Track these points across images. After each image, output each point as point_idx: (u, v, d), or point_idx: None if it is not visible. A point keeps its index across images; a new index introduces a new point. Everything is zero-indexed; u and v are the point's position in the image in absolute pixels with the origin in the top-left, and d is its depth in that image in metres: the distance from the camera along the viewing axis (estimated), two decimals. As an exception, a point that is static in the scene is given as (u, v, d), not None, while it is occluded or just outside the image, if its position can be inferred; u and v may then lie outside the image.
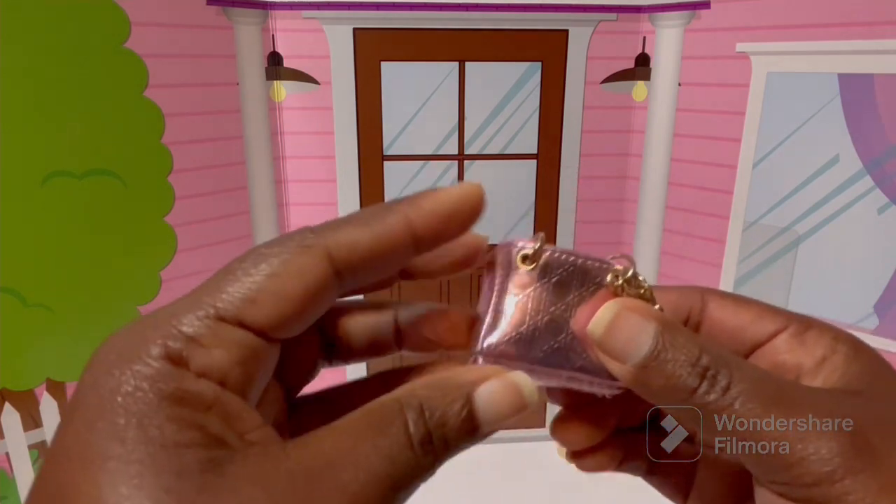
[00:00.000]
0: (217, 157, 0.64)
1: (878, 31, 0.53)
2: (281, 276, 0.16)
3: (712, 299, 0.22)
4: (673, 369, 0.18)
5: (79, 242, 0.55)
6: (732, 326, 0.22)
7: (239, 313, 0.15)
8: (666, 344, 0.18)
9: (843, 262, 0.59)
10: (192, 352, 0.14)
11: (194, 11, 0.59)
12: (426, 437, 0.16)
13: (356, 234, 0.17)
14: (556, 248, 0.21)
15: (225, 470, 0.13)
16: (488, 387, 0.18)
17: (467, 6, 0.64)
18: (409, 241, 0.18)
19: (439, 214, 0.19)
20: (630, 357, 0.18)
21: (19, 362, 0.54)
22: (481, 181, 0.21)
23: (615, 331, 0.19)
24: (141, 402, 0.13)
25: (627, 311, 0.19)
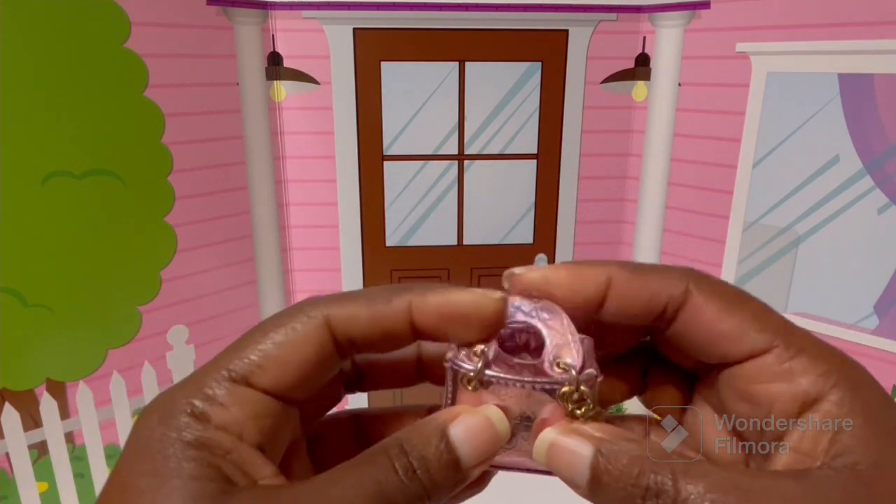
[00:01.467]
0: (217, 157, 0.64)
1: (878, 31, 0.53)
2: (284, 344, 0.18)
3: (697, 293, 0.19)
4: (615, 491, 0.17)
5: (79, 242, 0.55)
6: (709, 332, 0.19)
7: (249, 376, 0.18)
8: (604, 467, 0.18)
9: (843, 262, 0.59)
10: (213, 410, 0.17)
11: (194, 11, 0.59)
12: (409, 467, 0.17)
13: (357, 309, 0.19)
14: (498, 370, 0.20)
15: (234, 496, 0.16)
16: (462, 420, 0.19)
17: (467, 6, 0.64)
18: (408, 329, 0.19)
19: (442, 314, 0.19)
20: (576, 482, 0.18)
21: (19, 362, 0.54)
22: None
23: (554, 459, 0.19)
24: (170, 447, 0.16)
25: (563, 438, 0.19)
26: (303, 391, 0.19)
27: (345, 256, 0.72)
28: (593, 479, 0.18)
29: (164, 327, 0.63)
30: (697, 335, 0.19)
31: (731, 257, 0.66)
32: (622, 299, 0.20)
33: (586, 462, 0.18)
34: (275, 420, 0.18)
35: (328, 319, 0.19)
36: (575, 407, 0.19)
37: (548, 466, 0.19)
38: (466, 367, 0.20)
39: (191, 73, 0.60)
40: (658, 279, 0.20)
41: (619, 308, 0.20)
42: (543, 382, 0.20)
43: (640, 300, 0.20)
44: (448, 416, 0.19)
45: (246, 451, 0.17)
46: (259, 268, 0.70)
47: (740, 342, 0.19)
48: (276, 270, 0.71)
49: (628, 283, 0.20)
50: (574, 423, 0.19)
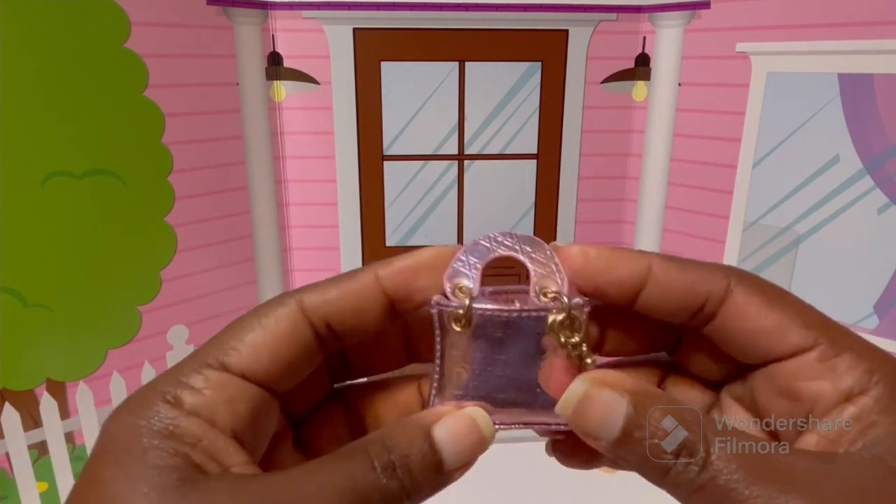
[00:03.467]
0: (217, 157, 0.64)
1: (878, 31, 0.53)
2: (259, 330, 0.19)
3: (739, 290, 0.19)
4: (645, 448, 0.17)
5: (79, 242, 0.55)
6: (751, 329, 0.19)
7: (224, 361, 0.18)
8: (639, 422, 0.17)
9: (843, 262, 0.59)
10: (185, 394, 0.17)
11: (194, 11, 0.59)
12: (389, 465, 0.17)
13: (326, 288, 0.20)
14: (486, 303, 0.20)
15: (200, 485, 0.16)
16: (446, 422, 0.19)
17: (467, 6, 0.64)
18: (381, 297, 0.20)
19: (407, 270, 0.20)
20: (603, 437, 0.18)
21: (19, 362, 0.54)
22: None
23: (585, 411, 0.18)
24: (136, 437, 0.16)
25: (597, 390, 0.18)
26: (282, 378, 0.19)
27: (345, 256, 0.72)
28: (624, 434, 0.17)
29: (164, 327, 0.63)
30: (739, 332, 0.19)
31: (731, 257, 0.66)
32: (661, 289, 0.19)
33: (621, 416, 0.17)
34: (251, 405, 0.18)
35: (301, 303, 0.19)
36: (567, 337, 0.19)
37: (573, 418, 0.19)
38: (452, 305, 0.19)
39: (191, 73, 0.60)
40: (699, 273, 0.19)
41: (657, 298, 0.19)
42: (531, 311, 0.19)
43: (679, 292, 0.19)
44: (432, 416, 0.19)
45: (218, 437, 0.17)
46: (259, 268, 0.70)
47: (785, 339, 0.18)
48: (276, 270, 0.71)
49: (668, 273, 0.19)
50: (601, 373, 0.19)
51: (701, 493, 0.16)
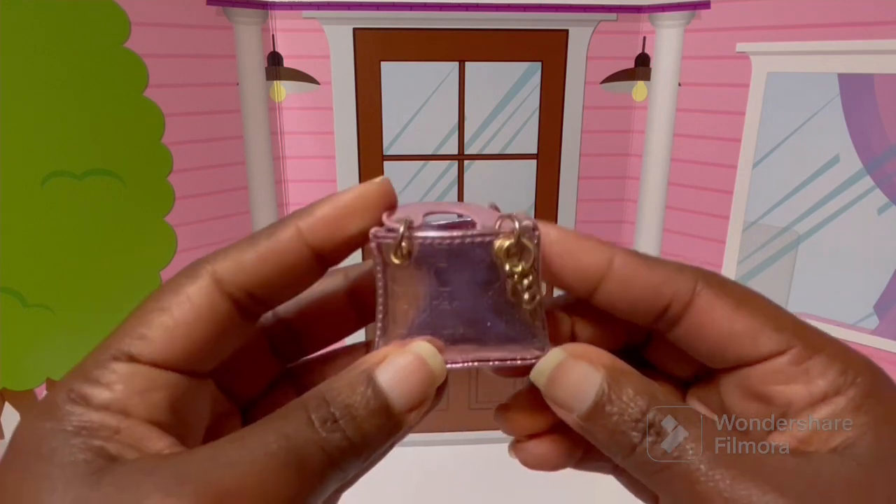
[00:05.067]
0: (217, 157, 0.64)
1: (878, 31, 0.53)
2: (169, 310, 0.17)
3: (707, 291, 0.18)
4: (616, 423, 0.17)
5: (79, 242, 0.55)
6: (719, 335, 0.18)
7: (130, 350, 0.17)
8: (612, 396, 0.17)
9: (843, 262, 0.59)
10: (92, 391, 0.16)
11: (194, 11, 0.59)
12: (329, 417, 0.16)
13: (241, 253, 0.18)
14: (424, 232, 0.18)
15: (115, 471, 0.15)
16: (389, 362, 0.17)
17: (467, 6, 0.64)
18: (306, 252, 0.18)
19: (331, 218, 0.18)
20: (575, 408, 0.17)
21: (19, 362, 0.54)
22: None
23: (559, 381, 0.18)
24: (45, 439, 0.15)
25: (572, 360, 0.18)
26: (201, 360, 0.18)
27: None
28: (596, 407, 0.17)
29: (164, 327, 0.62)
30: (707, 337, 0.18)
31: (731, 257, 0.66)
32: (621, 285, 0.18)
33: (594, 388, 0.17)
34: (168, 392, 0.17)
35: (214, 274, 0.17)
36: (513, 265, 0.18)
37: (546, 386, 0.18)
38: (391, 236, 0.18)
39: (191, 73, 0.60)
40: (664, 272, 0.19)
41: (617, 295, 0.19)
42: (476, 236, 0.18)
43: (641, 290, 0.18)
44: (375, 359, 0.18)
45: (136, 427, 0.16)
46: (259, 268, 0.70)
47: (755, 344, 0.18)
48: (276, 270, 0.71)
49: (631, 269, 0.18)
50: (579, 346, 0.19)
51: (664, 472, 0.16)
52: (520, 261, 0.18)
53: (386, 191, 0.19)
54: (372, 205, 0.18)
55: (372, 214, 0.18)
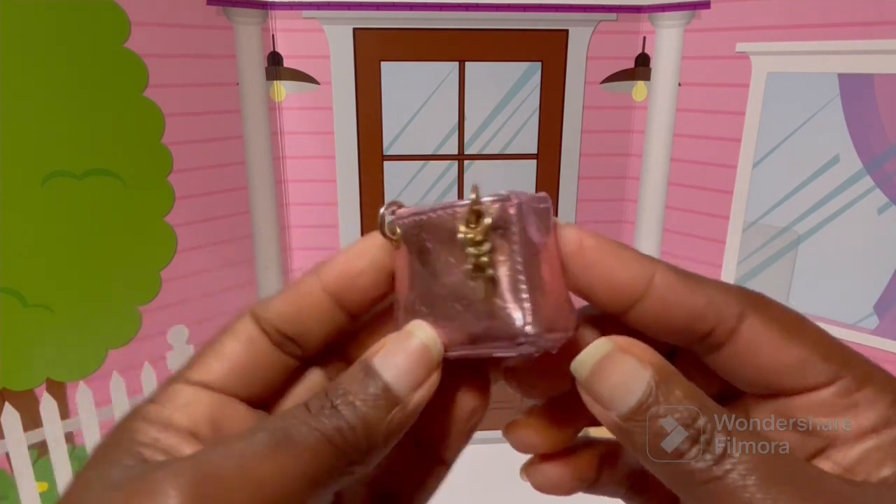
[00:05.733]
0: (217, 157, 0.64)
1: (878, 31, 0.53)
2: (220, 342, 0.20)
3: (753, 318, 0.17)
4: (662, 427, 0.15)
5: (79, 242, 0.55)
6: (765, 365, 0.17)
7: (185, 375, 0.19)
8: (659, 396, 0.16)
9: (843, 262, 0.59)
10: (147, 408, 0.19)
11: (194, 11, 0.59)
12: (326, 405, 0.17)
13: (276, 297, 0.20)
14: (403, 214, 0.18)
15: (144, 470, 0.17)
16: (387, 348, 0.18)
17: (467, 6, 0.64)
18: (326, 299, 0.19)
19: (342, 259, 0.20)
20: (616, 406, 0.16)
21: (19, 362, 0.54)
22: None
23: (603, 374, 0.16)
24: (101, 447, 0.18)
25: (620, 354, 0.16)
26: (243, 383, 0.19)
27: (345, 256, 0.72)
28: (640, 405, 0.16)
29: (164, 327, 0.63)
30: (750, 366, 0.17)
31: (731, 257, 0.66)
32: (661, 306, 0.17)
33: (643, 382, 0.16)
34: (209, 408, 0.19)
35: (254, 313, 0.20)
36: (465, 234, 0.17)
37: (587, 379, 0.17)
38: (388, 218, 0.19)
39: (191, 73, 0.60)
40: (709, 295, 0.17)
41: (657, 315, 0.17)
42: (445, 207, 0.18)
43: (682, 314, 0.17)
44: (375, 349, 0.18)
45: (173, 436, 0.18)
46: (259, 268, 0.70)
47: (802, 375, 0.17)
48: (276, 270, 0.71)
49: (673, 289, 0.17)
50: (627, 340, 0.17)
51: (708, 486, 0.15)
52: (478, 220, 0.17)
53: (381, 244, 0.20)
54: (375, 248, 0.19)
55: (375, 255, 0.19)
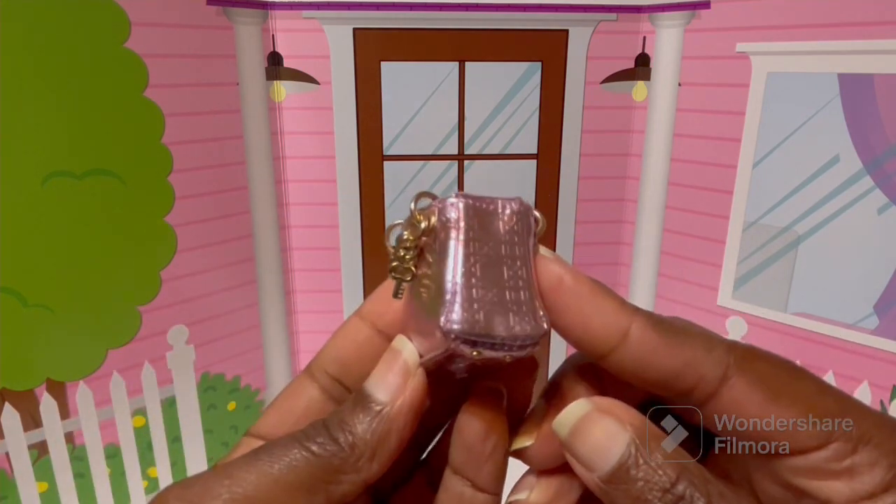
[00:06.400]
0: (217, 157, 0.64)
1: (878, 31, 0.53)
2: (281, 396, 0.21)
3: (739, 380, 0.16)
4: (641, 490, 0.15)
5: (79, 242, 0.55)
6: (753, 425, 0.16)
7: (256, 429, 0.20)
8: (638, 460, 0.15)
9: (843, 262, 0.59)
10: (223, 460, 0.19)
11: (194, 11, 0.59)
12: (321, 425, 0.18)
13: (326, 347, 0.21)
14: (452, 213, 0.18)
15: None
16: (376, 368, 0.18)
17: (467, 6, 0.64)
18: (378, 337, 0.20)
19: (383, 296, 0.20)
20: (596, 467, 0.16)
21: (19, 362, 0.54)
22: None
23: (583, 434, 0.16)
24: None
25: (598, 414, 0.16)
26: None
27: (345, 256, 0.72)
28: (619, 469, 0.15)
29: (164, 327, 0.63)
30: (734, 426, 0.17)
31: (731, 257, 0.66)
32: (637, 361, 0.17)
33: (622, 444, 0.16)
34: None
35: (310, 368, 0.21)
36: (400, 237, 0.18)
37: (569, 438, 0.17)
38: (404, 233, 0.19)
39: (191, 73, 0.60)
40: (690, 353, 0.16)
41: (632, 368, 0.17)
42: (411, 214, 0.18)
43: (659, 370, 0.17)
44: None
45: None
46: (259, 268, 0.70)
47: (791, 438, 0.16)
48: (276, 270, 0.71)
49: (650, 344, 0.16)
50: (606, 400, 0.17)
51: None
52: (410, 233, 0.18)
53: None
54: None
55: None
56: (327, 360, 0.20)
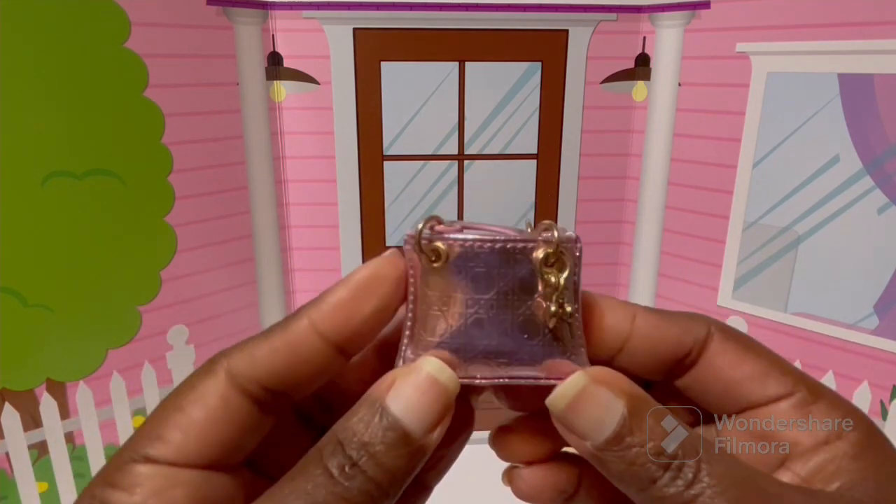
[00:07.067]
0: (217, 157, 0.64)
1: (878, 31, 0.53)
2: (183, 407, 0.17)
3: (718, 336, 0.19)
4: (636, 456, 0.16)
5: (79, 242, 0.55)
6: (730, 377, 0.19)
7: (148, 452, 0.17)
8: (633, 427, 0.16)
9: (843, 262, 0.59)
10: (111, 496, 0.16)
11: (194, 11, 0.59)
12: (349, 462, 0.16)
13: (255, 347, 0.17)
14: (462, 235, 0.18)
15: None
16: (399, 387, 0.17)
17: (467, 6, 0.64)
18: (320, 343, 0.17)
19: (344, 302, 0.18)
20: (591, 437, 0.17)
21: (19, 362, 0.54)
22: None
23: (578, 409, 0.17)
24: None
25: (594, 387, 0.17)
26: (222, 454, 0.17)
27: (345, 256, 0.72)
28: (615, 436, 0.17)
29: (164, 327, 0.63)
30: (718, 379, 0.19)
31: (731, 257, 0.66)
32: (648, 341, 0.19)
33: (617, 414, 0.17)
34: (190, 489, 0.17)
35: (228, 370, 0.17)
36: (551, 274, 0.17)
37: (565, 413, 0.17)
38: (428, 236, 0.18)
39: (191, 73, 0.60)
40: (683, 322, 0.19)
41: (644, 351, 0.19)
42: (518, 241, 0.17)
43: (667, 343, 0.19)
44: (383, 386, 0.17)
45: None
46: (259, 268, 0.70)
47: (764, 385, 0.19)
48: (276, 270, 0.71)
49: (654, 323, 0.19)
50: (601, 370, 0.18)
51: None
52: (559, 272, 0.18)
53: (396, 264, 0.18)
54: (384, 281, 0.18)
55: (387, 292, 0.18)
56: (262, 367, 0.17)
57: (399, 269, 0.18)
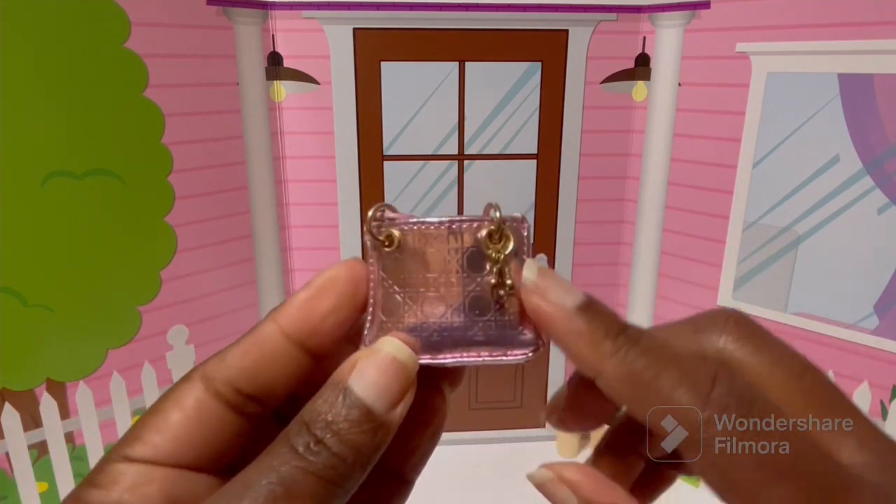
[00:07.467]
0: (217, 157, 0.64)
1: (878, 31, 0.53)
2: (162, 410, 0.18)
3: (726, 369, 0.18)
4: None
5: (79, 242, 0.55)
6: None
7: (126, 452, 0.18)
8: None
9: (843, 262, 0.59)
10: (89, 493, 0.17)
11: (194, 11, 0.59)
12: (313, 440, 0.16)
13: (226, 351, 0.19)
14: (409, 219, 0.19)
15: None
16: (361, 368, 0.17)
17: (467, 6, 0.64)
18: (284, 342, 0.18)
19: (302, 301, 0.19)
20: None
21: (19, 362, 0.54)
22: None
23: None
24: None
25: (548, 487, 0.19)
26: (199, 455, 0.18)
27: (345, 256, 0.72)
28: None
29: (164, 327, 0.63)
30: None
31: (731, 257, 0.66)
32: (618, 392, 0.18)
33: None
34: (163, 485, 0.18)
35: (203, 375, 0.18)
36: (495, 251, 0.18)
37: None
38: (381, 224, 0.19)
39: (191, 73, 0.60)
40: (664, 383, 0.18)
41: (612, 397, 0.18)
42: (462, 221, 0.19)
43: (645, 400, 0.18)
44: (345, 369, 0.18)
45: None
46: (259, 268, 0.70)
47: None
48: (276, 270, 0.71)
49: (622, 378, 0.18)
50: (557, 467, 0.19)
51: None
52: (503, 249, 0.18)
53: (355, 268, 0.20)
54: (341, 283, 0.19)
55: (342, 291, 0.19)
56: (232, 369, 0.18)
57: (355, 271, 0.19)
